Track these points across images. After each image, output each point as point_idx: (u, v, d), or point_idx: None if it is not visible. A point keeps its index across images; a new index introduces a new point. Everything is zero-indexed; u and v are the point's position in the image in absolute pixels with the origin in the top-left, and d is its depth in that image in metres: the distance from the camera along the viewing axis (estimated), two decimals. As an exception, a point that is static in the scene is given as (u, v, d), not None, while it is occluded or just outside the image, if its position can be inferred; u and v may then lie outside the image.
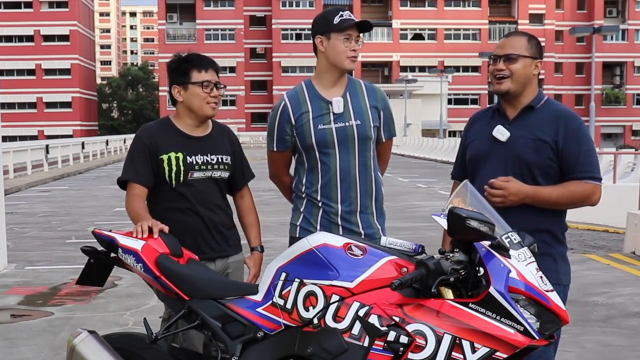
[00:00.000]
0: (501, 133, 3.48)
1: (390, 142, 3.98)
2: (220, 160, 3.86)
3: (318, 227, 3.74)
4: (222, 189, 3.93)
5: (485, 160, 3.52)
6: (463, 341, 2.67)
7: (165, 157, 3.76)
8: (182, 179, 3.77)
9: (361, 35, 3.75)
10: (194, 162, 3.79)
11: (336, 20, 3.66)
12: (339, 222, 3.74)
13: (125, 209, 3.79)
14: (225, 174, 3.90)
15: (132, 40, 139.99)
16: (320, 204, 3.76)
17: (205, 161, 3.81)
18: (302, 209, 3.83)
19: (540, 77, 3.95)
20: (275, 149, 3.85)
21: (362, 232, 3.75)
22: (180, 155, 3.77)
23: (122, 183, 3.84)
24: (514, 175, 3.42)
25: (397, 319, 2.76)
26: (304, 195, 3.81)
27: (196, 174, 3.79)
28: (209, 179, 3.83)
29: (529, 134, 3.43)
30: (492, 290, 2.69)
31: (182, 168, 3.76)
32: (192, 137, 3.83)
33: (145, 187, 3.77)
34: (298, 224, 3.83)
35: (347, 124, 3.72)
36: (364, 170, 3.76)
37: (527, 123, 3.46)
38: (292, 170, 3.97)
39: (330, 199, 3.74)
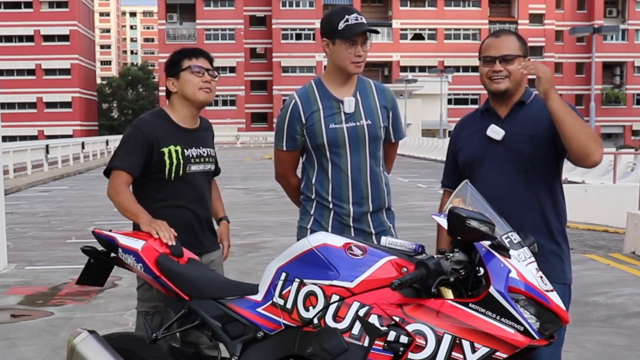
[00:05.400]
0: (496, 132, 3.44)
1: (397, 143, 3.96)
2: (209, 153, 3.91)
3: (330, 230, 3.67)
4: (209, 183, 3.97)
5: (482, 161, 3.47)
6: (463, 341, 2.67)
7: (165, 150, 3.75)
8: (181, 172, 3.77)
9: (369, 35, 3.70)
10: (190, 155, 3.81)
11: (341, 25, 3.58)
12: (351, 224, 3.69)
13: (110, 197, 3.73)
14: (213, 167, 3.97)
15: (132, 40, 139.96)
16: (331, 206, 3.71)
17: (199, 154, 3.85)
18: (312, 212, 3.76)
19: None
20: (284, 149, 3.78)
21: (373, 231, 3.72)
22: (178, 148, 3.77)
23: (108, 170, 3.80)
24: (516, 173, 3.40)
25: (397, 319, 2.76)
26: (313, 197, 3.75)
27: (193, 167, 3.82)
28: (202, 172, 3.86)
29: (525, 129, 3.41)
30: (492, 290, 2.69)
31: (181, 161, 3.77)
32: (187, 130, 3.84)
33: (131, 177, 3.74)
34: (308, 227, 3.75)
35: (358, 123, 3.69)
36: (374, 170, 3.74)
37: (521, 118, 3.43)
38: (299, 172, 3.93)
39: (342, 200, 3.70)
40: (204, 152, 3.86)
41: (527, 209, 3.38)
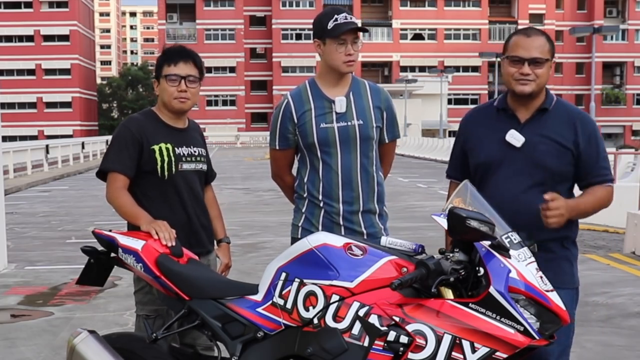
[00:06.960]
0: (516, 139, 3.33)
1: (393, 144, 3.96)
2: (200, 152, 3.89)
3: (320, 228, 3.72)
4: (202, 183, 3.95)
5: (499, 166, 3.37)
6: (463, 341, 2.67)
7: (156, 147, 3.73)
8: (173, 170, 3.75)
9: (361, 35, 3.73)
10: (182, 154, 3.79)
11: (330, 25, 3.63)
12: (341, 222, 3.73)
13: (110, 202, 3.73)
14: (205, 167, 3.93)
15: (132, 40, 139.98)
16: (321, 204, 3.75)
17: (190, 153, 3.83)
18: (303, 210, 3.81)
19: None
20: (277, 147, 3.84)
21: (364, 231, 3.74)
22: (169, 146, 3.76)
23: (102, 173, 3.78)
24: (532, 182, 3.32)
25: (397, 319, 2.76)
26: (305, 195, 3.80)
27: (185, 166, 3.80)
28: (194, 171, 3.85)
29: (548, 139, 3.31)
30: (492, 290, 2.69)
31: (172, 159, 3.75)
32: (176, 129, 3.84)
33: (128, 179, 3.73)
34: (300, 224, 3.82)
35: (349, 123, 3.71)
36: (366, 170, 3.76)
37: (543, 127, 3.33)
38: (294, 171, 3.96)
39: (332, 199, 3.73)
40: (195, 151, 3.86)
41: (540, 218, 3.26)
